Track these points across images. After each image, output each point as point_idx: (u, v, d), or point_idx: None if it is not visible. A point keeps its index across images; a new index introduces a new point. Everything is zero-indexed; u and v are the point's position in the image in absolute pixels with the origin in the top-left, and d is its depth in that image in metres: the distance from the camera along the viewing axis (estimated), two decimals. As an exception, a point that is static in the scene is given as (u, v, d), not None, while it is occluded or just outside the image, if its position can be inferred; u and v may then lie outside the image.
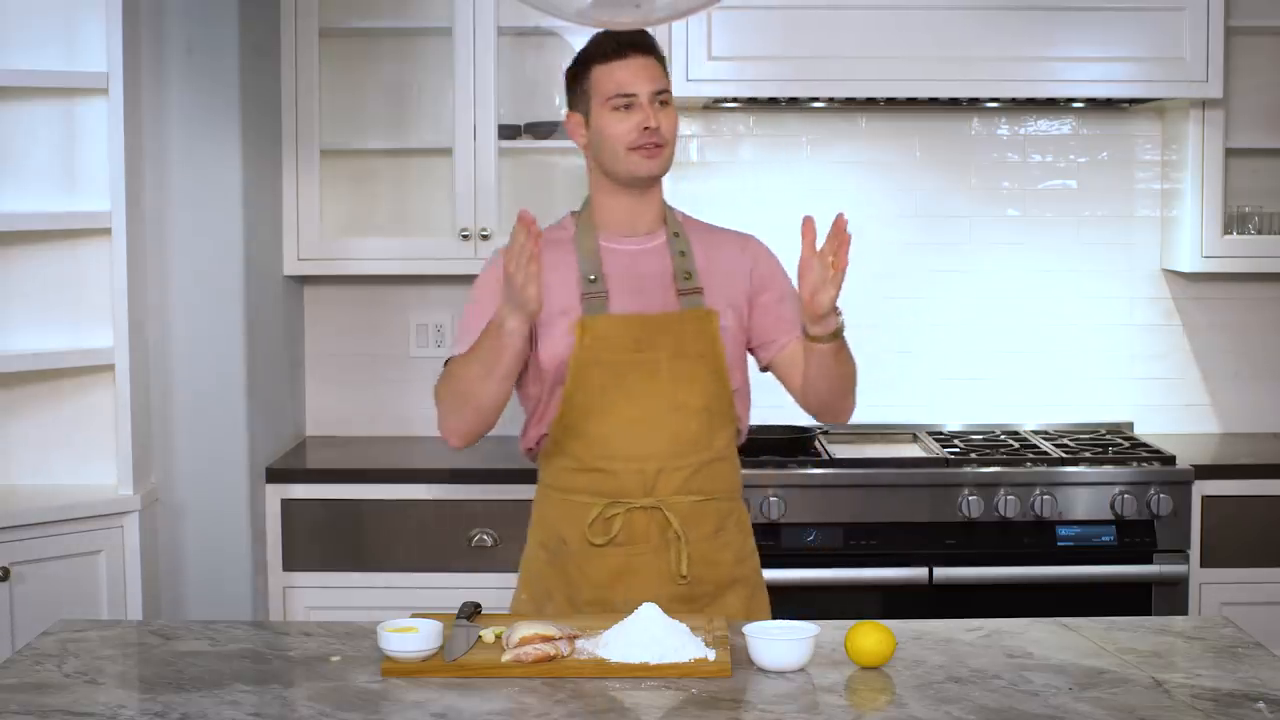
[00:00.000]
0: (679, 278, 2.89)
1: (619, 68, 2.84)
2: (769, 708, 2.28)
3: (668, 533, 2.85)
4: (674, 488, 2.86)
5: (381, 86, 4.54)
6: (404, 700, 2.31)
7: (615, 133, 2.85)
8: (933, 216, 4.63)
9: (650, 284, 2.89)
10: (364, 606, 3.86)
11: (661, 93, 2.86)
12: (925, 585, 4.03)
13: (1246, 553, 4.12)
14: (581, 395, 2.85)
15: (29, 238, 3.77)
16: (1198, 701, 2.29)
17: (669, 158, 2.89)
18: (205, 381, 3.93)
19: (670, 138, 2.87)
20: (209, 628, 2.70)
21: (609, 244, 2.92)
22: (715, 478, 2.90)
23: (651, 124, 2.82)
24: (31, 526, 3.60)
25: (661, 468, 2.85)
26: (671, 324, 2.86)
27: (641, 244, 2.92)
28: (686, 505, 2.86)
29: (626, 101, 2.84)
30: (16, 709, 2.28)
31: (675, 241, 2.92)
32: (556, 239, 2.94)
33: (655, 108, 2.84)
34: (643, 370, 2.85)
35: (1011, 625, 2.69)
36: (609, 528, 2.86)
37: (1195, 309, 4.65)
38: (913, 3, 4.15)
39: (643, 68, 2.85)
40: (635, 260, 2.91)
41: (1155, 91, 4.25)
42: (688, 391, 2.86)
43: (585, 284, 2.87)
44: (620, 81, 2.84)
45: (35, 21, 3.72)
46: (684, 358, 2.86)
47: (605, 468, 2.86)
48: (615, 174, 2.89)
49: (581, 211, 2.98)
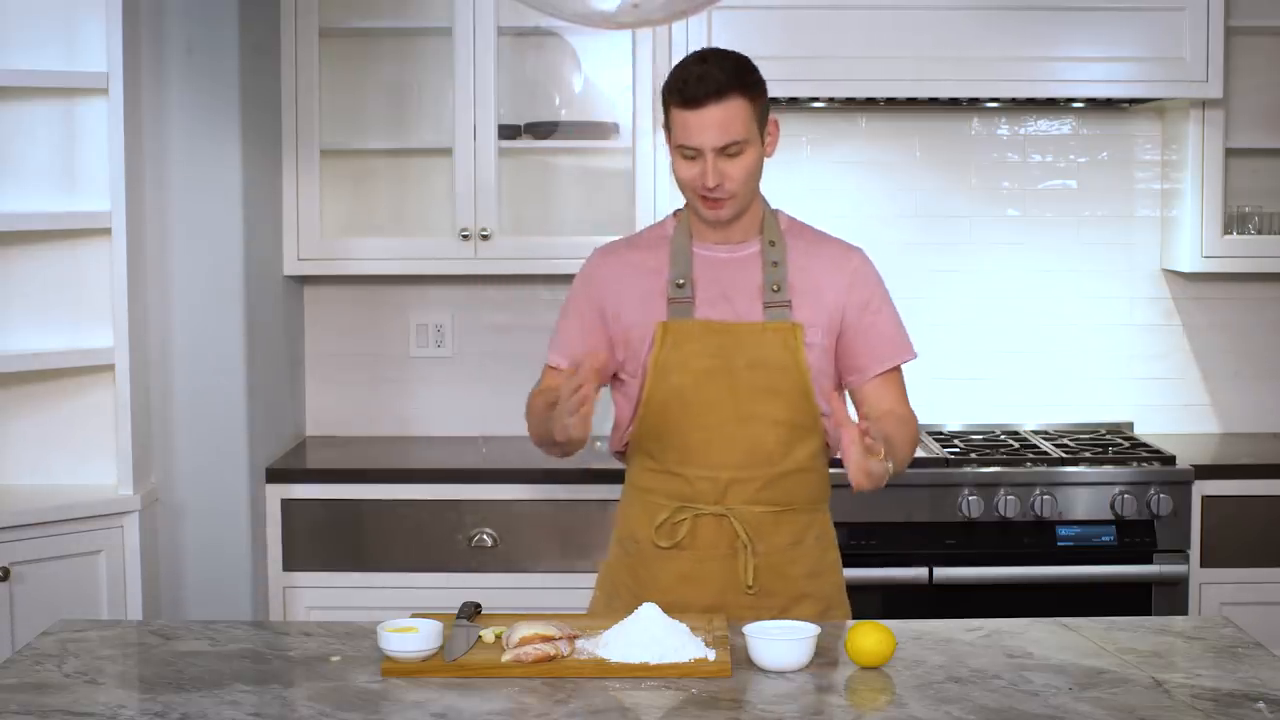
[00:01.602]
0: (768, 288, 2.85)
1: (691, 117, 2.74)
2: (769, 708, 2.28)
3: (736, 541, 2.84)
4: (745, 497, 2.84)
5: (381, 86, 4.54)
6: (404, 700, 2.31)
7: (682, 177, 2.81)
8: (933, 216, 4.64)
9: (738, 293, 2.86)
10: (364, 606, 3.86)
11: (729, 145, 2.75)
12: (925, 585, 4.03)
13: (1246, 553, 4.12)
14: (660, 398, 2.85)
15: (29, 238, 3.77)
16: (1198, 701, 2.29)
17: (740, 202, 2.82)
18: (205, 381, 3.93)
19: (737, 189, 2.78)
20: (209, 628, 2.70)
21: (702, 250, 2.89)
22: (793, 490, 2.87)
23: (709, 182, 2.76)
24: (31, 526, 3.60)
25: (734, 477, 2.83)
26: (754, 334, 2.83)
27: (734, 251, 2.89)
28: (757, 515, 2.84)
29: (691, 153, 2.77)
30: (16, 709, 2.28)
31: (770, 251, 2.88)
32: (654, 238, 2.95)
33: (721, 159, 2.75)
34: (721, 378, 2.83)
35: (1011, 625, 2.69)
36: (676, 531, 2.85)
37: (1195, 309, 4.66)
38: (913, 3, 4.16)
39: (712, 121, 2.73)
40: (726, 268, 2.88)
41: (1155, 91, 4.25)
42: (766, 403, 2.83)
43: (673, 288, 2.86)
44: (688, 132, 2.75)
45: (35, 21, 3.72)
46: (764, 369, 2.83)
47: (679, 473, 2.85)
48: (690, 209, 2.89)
49: (684, 212, 2.94)
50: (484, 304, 4.63)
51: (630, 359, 2.89)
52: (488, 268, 4.34)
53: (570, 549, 4.06)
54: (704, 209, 2.82)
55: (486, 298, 4.63)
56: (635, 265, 2.91)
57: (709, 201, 2.80)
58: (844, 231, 3.05)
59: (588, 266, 2.98)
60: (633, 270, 2.91)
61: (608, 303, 2.91)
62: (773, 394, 2.83)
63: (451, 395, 4.61)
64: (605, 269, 2.95)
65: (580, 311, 2.94)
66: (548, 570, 4.06)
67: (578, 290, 2.97)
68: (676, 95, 2.76)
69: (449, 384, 4.63)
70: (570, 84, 4.53)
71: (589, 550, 4.04)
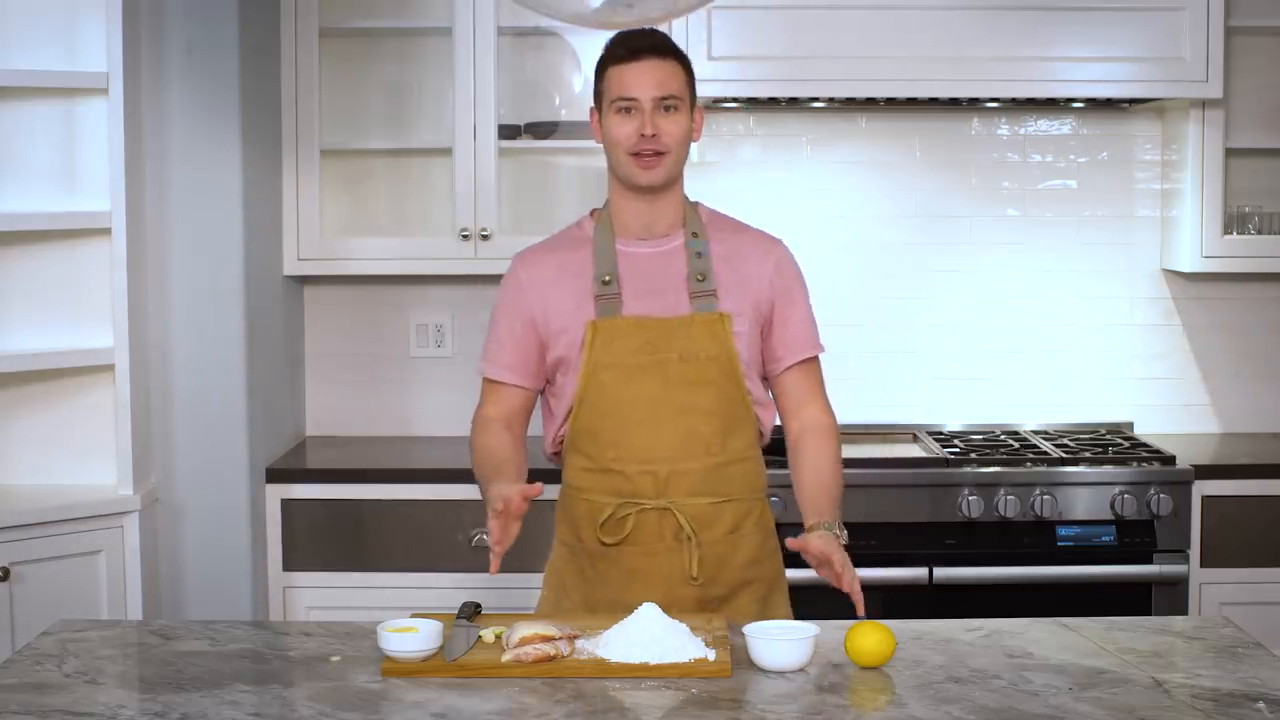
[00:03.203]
0: (693, 279, 2.88)
1: (628, 70, 2.81)
2: (769, 708, 2.28)
3: (680, 534, 2.85)
4: (686, 489, 2.85)
5: (381, 86, 4.54)
6: (404, 700, 2.31)
7: (616, 136, 2.83)
8: (933, 216, 4.64)
9: (664, 286, 2.88)
10: (364, 606, 3.86)
11: (668, 99, 2.80)
12: (925, 585, 4.03)
13: (1246, 553, 4.12)
14: (593, 396, 2.86)
15: (29, 238, 3.77)
16: (1198, 701, 2.29)
17: (671, 165, 2.85)
18: (205, 381, 3.93)
19: (673, 145, 2.82)
20: (209, 628, 2.71)
21: (625, 247, 2.91)
22: (732, 479, 2.89)
23: (647, 131, 2.80)
24: (31, 526, 3.60)
25: (673, 470, 2.85)
26: (682, 327, 2.85)
27: (657, 246, 2.91)
28: (699, 506, 2.86)
29: (628, 105, 2.81)
30: (16, 709, 2.28)
31: (693, 242, 2.90)
32: (575, 239, 2.96)
33: (659, 114, 2.80)
34: (653, 373, 2.84)
35: (1011, 625, 2.69)
36: (621, 528, 2.86)
37: (1195, 309, 4.66)
38: (913, 3, 4.16)
39: (650, 71, 2.81)
40: (650, 262, 2.90)
41: (1155, 91, 4.25)
42: (699, 394, 2.85)
43: (599, 286, 2.87)
44: (625, 84, 2.81)
45: (35, 22, 3.72)
46: (695, 360, 2.85)
47: (618, 469, 2.86)
48: (620, 178, 2.89)
49: (602, 211, 2.97)
50: (484, 304, 4.59)
51: (562, 360, 2.90)
52: (488, 268, 4.33)
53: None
54: (638, 168, 2.83)
55: (486, 298, 4.57)
56: (559, 268, 2.92)
57: (644, 159, 2.82)
58: (844, 231, 3.06)
59: (510, 273, 2.98)
60: (557, 273, 2.91)
61: (535, 308, 2.91)
62: (705, 385, 2.85)
63: (451, 395, 4.61)
64: (529, 275, 2.94)
65: (509, 320, 2.95)
66: (548, 570, 4.06)
67: (504, 299, 2.97)
68: (620, 49, 2.84)
69: (449, 384, 4.62)
70: (570, 84, 4.53)
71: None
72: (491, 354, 2.98)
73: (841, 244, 4.55)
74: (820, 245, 4.36)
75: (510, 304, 2.95)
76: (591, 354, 2.84)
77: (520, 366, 2.94)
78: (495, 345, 2.97)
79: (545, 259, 2.96)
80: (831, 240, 4.54)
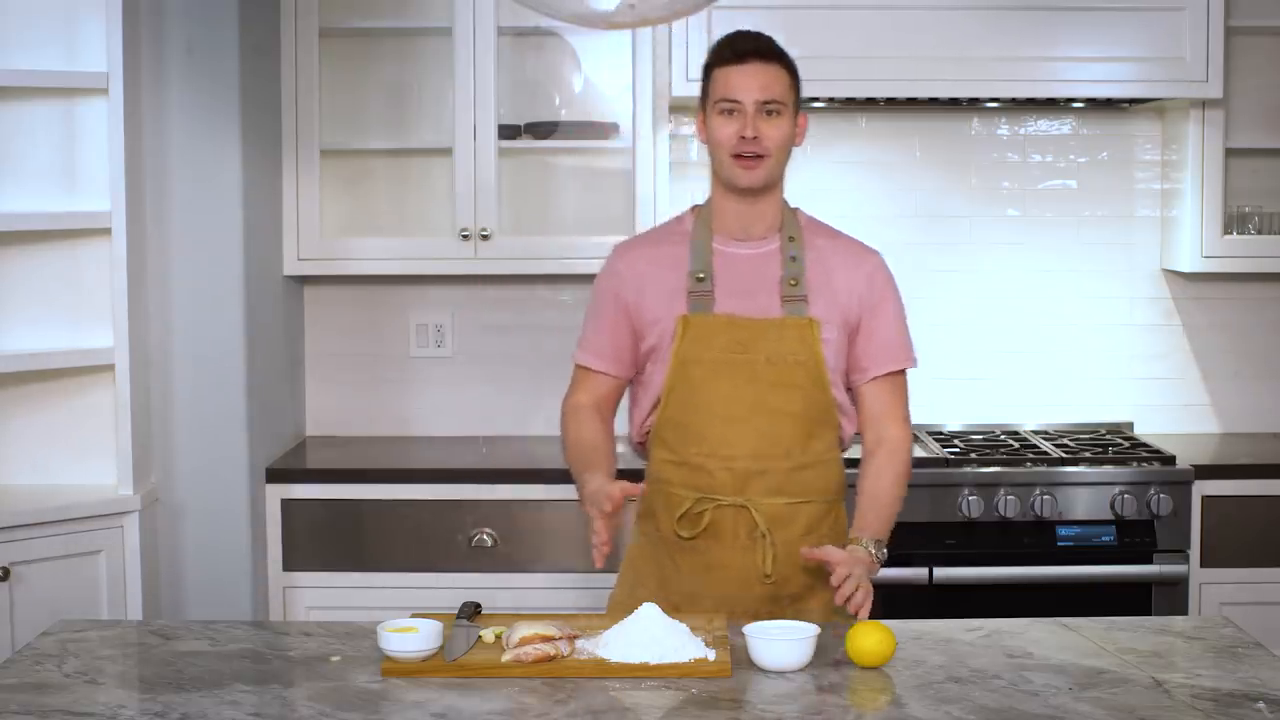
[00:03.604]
0: (785, 284, 2.90)
1: (733, 73, 2.84)
2: (769, 708, 2.28)
3: (755, 531, 2.87)
4: (764, 489, 2.87)
5: (381, 86, 4.54)
6: (404, 700, 2.31)
7: (718, 137, 2.87)
8: (933, 216, 4.64)
9: (757, 287, 2.90)
10: (364, 606, 3.86)
11: (771, 103, 2.83)
12: (925, 585, 4.03)
13: (1246, 553, 4.12)
14: (680, 390, 2.89)
15: (29, 238, 3.77)
16: (1198, 701, 2.29)
17: (772, 168, 2.88)
18: (205, 381, 3.93)
19: (773, 148, 2.85)
20: (209, 628, 2.71)
21: (722, 246, 2.93)
22: (810, 481, 2.91)
23: (749, 133, 2.83)
24: (31, 526, 3.60)
25: (751, 469, 2.87)
26: (771, 329, 2.88)
27: (754, 248, 2.93)
28: (776, 506, 2.88)
29: (731, 107, 2.84)
30: (16, 709, 2.28)
31: (789, 246, 2.92)
32: (674, 233, 2.99)
33: (760, 117, 2.83)
34: (740, 371, 2.87)
35: (1011, 625, 2.69)
36: (698, 522, 2.88)
37: (1195, 309, 4.66)
38: (913, 3, 4.16)
39: (755, 74, 2.84)
40: (745, 263, 2.92)
41: (1155, 91, 4.25)
42: (783, 396, 2.87)
43: (693, 282, 2.90)
44: (730, 86, 2.84)
45: (36, 22, 3.72)
46: (782, 363, 2.87)
47: (698, 464, 2.89)
48: (722, 179, 2.92)
49: (702, 209, 3.00)
50: (484, 304, 4.63)
51: (653, 350, 2.93)
52: (488, 268, 4.34)
53: (570, 549, 4.06)
54: (738, 169, 2.86)
55: (486, 297, 4.63)
56: (655, 260, 2.96)
57: (745, 160, 2.85)
58: (844, 230, 3.06)
59: (609, 264, 3.03)
60: (653, 265, 2.96)
61: (630, 297, 2.95)
62: (791, 387, 2.88)
63: (451, 395, 4.61)
64: (625, 265, 2.99)
65: (605, 309, 2.99)
66: (548, 570, 4.06)
67: (601, 288, 3.01)
68: (727, 51, 2.87)
69: (449, 384, 4.63)
70: (570, 84, 4.53)
71: (589, 551, 4.03)
72: (586, 341, 3.02)
73: (841, 244, 4.56)
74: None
75: (606, 293, 3.00)
76: (681, 348, 2.88)
77: (613, 355, 2.98)
78: (592, 335, 3.02)
79: (642, 250, 3.01)
80: (831, 240, 4.54)
